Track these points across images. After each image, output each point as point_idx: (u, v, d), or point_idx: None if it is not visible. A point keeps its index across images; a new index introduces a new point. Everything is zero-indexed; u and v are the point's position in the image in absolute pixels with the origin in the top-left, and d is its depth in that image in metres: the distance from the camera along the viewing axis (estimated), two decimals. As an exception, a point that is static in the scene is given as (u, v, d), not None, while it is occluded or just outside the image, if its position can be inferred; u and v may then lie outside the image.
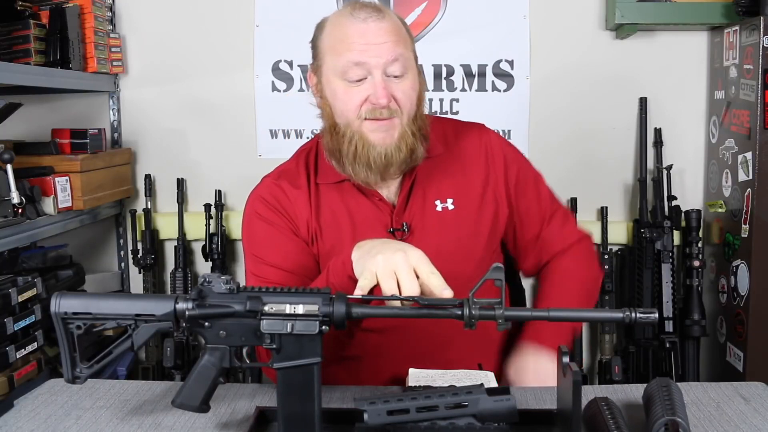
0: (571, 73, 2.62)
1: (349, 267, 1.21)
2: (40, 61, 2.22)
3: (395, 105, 1.36)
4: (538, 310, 1.12)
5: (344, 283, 1.22)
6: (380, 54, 1.33)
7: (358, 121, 1.36)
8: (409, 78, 1.38)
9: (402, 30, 1.39)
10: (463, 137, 1.53)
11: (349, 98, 1.36)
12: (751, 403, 1.26)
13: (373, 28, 1.34)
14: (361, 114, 1.36)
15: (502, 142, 1.57)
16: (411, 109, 1.39)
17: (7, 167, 1.97)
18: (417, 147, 1.40)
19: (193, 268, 2.71)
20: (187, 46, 2.66)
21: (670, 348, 2.48)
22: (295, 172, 1.49)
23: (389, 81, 1.35)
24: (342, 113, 1.38)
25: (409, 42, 1.41)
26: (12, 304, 1.94)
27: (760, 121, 2.21)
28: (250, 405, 1.27)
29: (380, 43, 1.33)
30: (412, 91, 1.39)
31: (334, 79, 1.37)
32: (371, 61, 1.33)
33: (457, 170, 1.50)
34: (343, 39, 1.35)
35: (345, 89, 1.36)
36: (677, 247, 2.58)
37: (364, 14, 1.35)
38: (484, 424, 1.11)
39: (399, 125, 1.37)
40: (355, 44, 1.33)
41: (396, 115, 1.36)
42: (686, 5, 2.41)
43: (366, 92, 1.35)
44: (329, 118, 1.41)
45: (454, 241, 1.47)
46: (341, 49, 1.35)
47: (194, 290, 1.09)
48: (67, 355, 1.10)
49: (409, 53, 1.39)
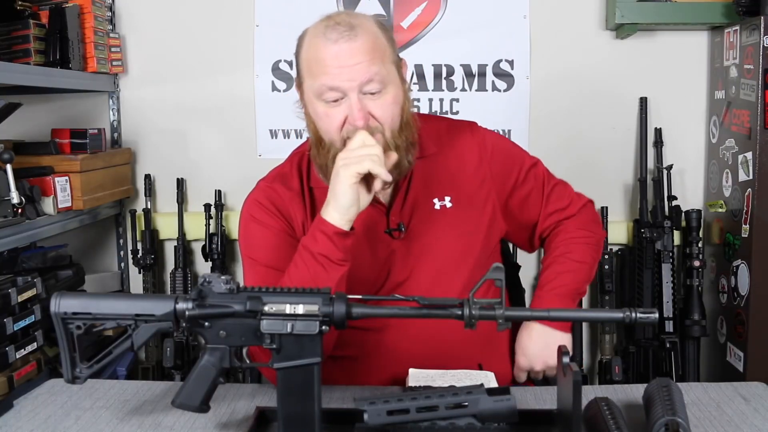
0: (572, 73, 2.62)
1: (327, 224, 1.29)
2: (39, 61, 2.21)
3: (375, 122, 1.35)
4: (539, 310, 1.12)
5: (327, 245, 1.28)
6: (353, 77, 1.31)
7: (341, 142, 1.35)
8: (390, 92, 1.36)
9: (378, 43, 1.35)
10: (456, 135, 1.53)
11: (329, 120, 1.35)
12: (751, 403, 1.26)
13: (345, 49, 1.31)
14: (343, 135, 1.35)
15: (494, 137, 1.57)
16: (393, 123, 1.37)
17: (6, 167, 1.97)
18: (403, 159, 1.39)
19: (193, 268, 2.71)
20: (187, 46, 2.65)
21: (671, 348, 2.48)
22: (290, 175, 1.50)
23: (367, 99, 1.33)
24: (326, 132, 1.38)
25: (388, 53, 1.37)
26: (12, 304, 1.94)
27: (760, 121, 2.21)
28: (250, 405, 1.27)
29: (353, 65, 1.31)
30: (394, 105, 1.36)
31: (314, 99, 1.36)
32: (344, 84, 1.32)
33: (453, 168, 1.50)
34: (317, 62, 1.34)
35: (325, 110, 1.35)
36: (677, 247, 2.58)
37: (336, 35, 1.32)
38: (484, 424, 1.11)
39: (381, 141, 1.34)
40: (329, 68, 1.32)
41: (377, 131, 1.34)
42: (686, 5, 2.41)
43: (344, 113, 1.34)
44: (314, 133, 1.41)
45: (453, 239, 1.47)
46: (316, 71, 1.34)
47: (194, 290, 1.09)
48: (67, 355, 1.10)
49: (386, 67, 1.35)
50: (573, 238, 1.54)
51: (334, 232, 1.29)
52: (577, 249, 1.53)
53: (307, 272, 1.30)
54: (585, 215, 1.59)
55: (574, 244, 1.53)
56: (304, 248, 1.31)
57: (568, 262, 1.51)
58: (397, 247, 1.46)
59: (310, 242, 1.31)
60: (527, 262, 2.63)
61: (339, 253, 1.30)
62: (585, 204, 1.60)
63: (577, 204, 1.58)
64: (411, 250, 1.46)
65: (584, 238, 1.55)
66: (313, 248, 1.30)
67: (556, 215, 1.56)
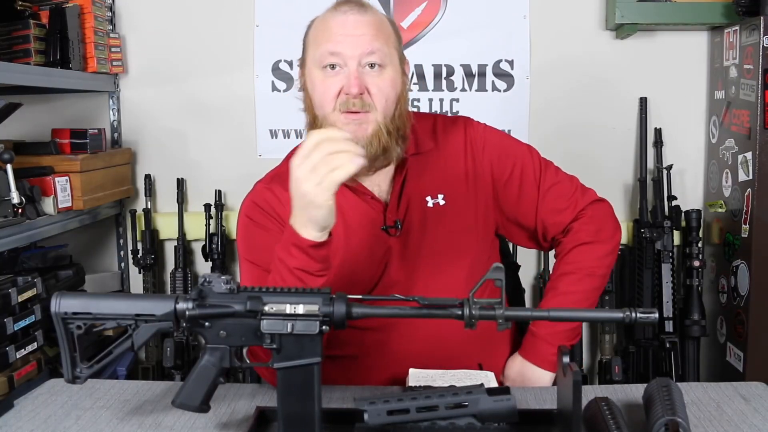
0: (571, 73, 2.62)
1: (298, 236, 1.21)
2: (40, 61, 2.22)
3: (369, 99, 1.35)
4: (538, 310, 1.12)
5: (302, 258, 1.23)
6: (356, 45, 1.34)
7: (333, 114, 1.36)
8: (388, 73, 1.37)
9: (384, 26, 1.39)
10: (450, 132, 1.52)
11: (325, 88, 1.36)
12: (751, 403, 1.26)
13: (351, 20, 1.36)
14: (337, 106, 1.36)
15: (488, 132, 1.54)
16: (387, 107, 1.37)
17: (7, 167, 1.97)
18: (391, 146, 1.38)
19: (193, 268, 2.71)
20: (187, 46, 2.66)
21: (670, 348, 2.48)
22: (286, 175, 1.49)
23: (364, 73, 1.35)
24: (320, 104, 1.38)
25: (393, 39, 1.41)
26: (12, 304, 1.94)
27: (760, 121, 2.21)
28: (250, 405, 1.27)
29: (357, 35, 1.35)
30: (390, 89, 1.37)
31: (314, 69, 1.38)
32: (346, 51, 1.34)
33: (446, 165, 1.49)
34: (324, 30, 1.37)
35: (322, 79, 1.37)
36: (677, 247, 2.58)
37: (347, 8, 1.37)
38: (484, 424, 1.11)
39: (374, 121, 1.36)
40: (334, 35, 1.35)
41: (370, 110, 1.35)
42: (686, 5, 2.41)
43: (341, 83, 1.35)
44: (310, 111, 1.42)
45: (446, 236, 1.46)
46: (321, 39, 1.37)
47: (194, 290, 1.09)
48: (67, 355, 1.10)
49: (389, 50, 1.38)
50: (577, 265, 1.47)
51: (308, 245, 1.22)
52: (581, 283, 1.46)
53: (285, 285, 1.25)
54: (592, 216, 1.50)
55: (578, 272, 1.47)
56: (280, 261, 1.26)
57: (569, 299, 1.45)
58: (393, 244, 1.45)
59: (285, 256, 1.24)
60: (527, 262, 2.64)
61: (315, 265, 1.24)
62: (591, 203, 1.52)
63: (580, 203, 1.51)
64: (407, 247, 1.46)
65: (591, 262, 1.47)
66: (289, 263, 1.24)
67: (557, 216, 1.50)
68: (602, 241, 1.49)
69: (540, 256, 2.67)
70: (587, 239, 1.48)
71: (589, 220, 1.50)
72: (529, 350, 1.47)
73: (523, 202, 1.51)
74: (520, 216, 1.52)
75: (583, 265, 1.47)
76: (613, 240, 1.51)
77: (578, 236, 1.49)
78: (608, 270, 1.51)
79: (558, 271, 1.50)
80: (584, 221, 1.50)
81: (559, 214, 1.51)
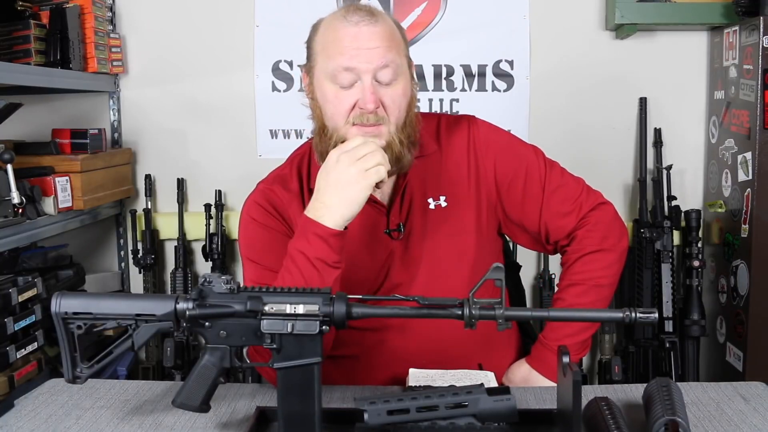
0: (571, 73, 2.62)
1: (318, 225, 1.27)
2: (40, 61, 2.22)
3: (383, 112, 1.34)
4: (539, 310, 1.12)
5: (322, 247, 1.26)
6: (370, 59, 1.32)
7: (345, 127, 1.35)
8: (400, 84, 1.36)
9: (395, 35, 1.37)
10: (453, 132, 1.51)
11: (338, 102, 1.35)
12: (751, 403, 1.26)
13: (365, 32, 1.32)
14: (350, 119, 1.35)
15: (492, 131, 1.52)
16: (399, 117, 1.37)
17: (7, 167, 1.97)
18: (404, 155, 1.38)
19: (193, 268, 2.71)
20: (188, 46, 2.66)
21: (670, 348, 2.48)
22: (289, 177, 1.49)
23: (378, 87, 1.33)
24: (331, 116, 1.37)
25: (403, 47, 1.39)
26: (12, 304, 1.94)
27: (759, 121, 2.21)
28: (250, 405, 1.27)
29: (371, 48, 1.32)
30: (402, 98, 1.37)
31: (325, 81, 1.36)
32: (361, 66, 1.32)
33: (449, 166, 1.48)
34: (335, 42, 1.34)
35: (335, 93, 1.35)
36: (677, 247, 2.58)
37: (357, 18, 1.33)
38: (484, 424, 1.11)
39: (386, 133, 1.35)
40: (346, 48, 1.32)
41: (383, 122, 1.34)
42: (686, 5, 2.41)
43: (355, 97, 1.33)
44: (319, 119, 1.40)
45: (448, 239, 1.46)
46: (333, 52, 1.34)
47: (195, 290, 1.09)
48: (68, 355, 1.10)
49: (401, 59, 1.36)
50: (584, 276, 1.45)
51: (330, 234, 1.27)
52: (588, 294, 1.44)
53: (300, 277, 1.27)
54: (597, 223, 1.47)
55: (584, 283, 1.45)
56: (298, 252, 1.28)
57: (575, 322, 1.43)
58: (395, 247, 1.45)
59: (304, 246, 1.28)
60: (527, 262, 2.64)
61: (334, 256, 1.28)
62: (595, 207, 1.49)
63: (584, 207, 1.48)
64: (409, 250, 1.45)
65: (597, 272, 1.45)
66: (308, 252, 1.27)
67: (560, 219, 1.47)
68: (608, 249, 1.47)
69: (540, 256, 2.67)
70: (592, 248, 1.46)
71: (593, 227, 1.47)
72: (537, 358, 1.46)
73: (527, 204, 1.48)
74: (524, 217, 1.50)
75: (590, 275, 1.45)
76: (619, 246, 1.49)
77: (583, 245, 1.47)
78: (615, 279, 1.48)
79: (564, 281, 1.48)
80: (589, 228, 1.47)
81: (563, 218, 1.48)
